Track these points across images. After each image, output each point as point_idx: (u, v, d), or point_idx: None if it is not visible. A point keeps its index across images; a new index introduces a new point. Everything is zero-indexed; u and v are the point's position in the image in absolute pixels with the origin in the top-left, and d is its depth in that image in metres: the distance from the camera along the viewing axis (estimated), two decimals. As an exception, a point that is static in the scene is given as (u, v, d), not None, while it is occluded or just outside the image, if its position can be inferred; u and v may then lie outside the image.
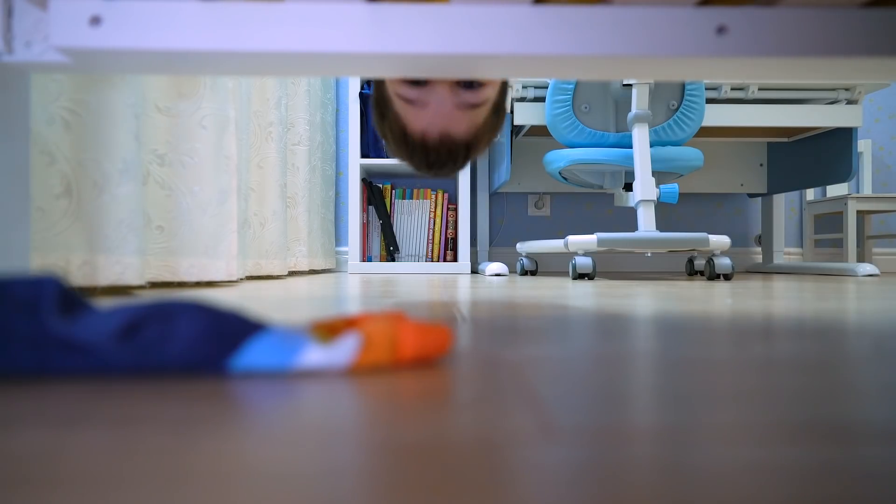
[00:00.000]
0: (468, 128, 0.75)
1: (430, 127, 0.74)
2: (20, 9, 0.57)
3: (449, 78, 0.71)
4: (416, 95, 0.73)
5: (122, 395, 0.30)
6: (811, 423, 0.26)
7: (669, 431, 0.24)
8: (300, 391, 0.31)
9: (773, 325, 0.61)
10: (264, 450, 0.22)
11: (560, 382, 0.33)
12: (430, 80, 0.73)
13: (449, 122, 0.74)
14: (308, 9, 0.55)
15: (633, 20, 0.55)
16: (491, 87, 0.74)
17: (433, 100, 0.73)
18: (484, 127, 0.77)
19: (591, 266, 1.85)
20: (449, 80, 0.72)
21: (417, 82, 0.73)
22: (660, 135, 1.99)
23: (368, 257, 2.55)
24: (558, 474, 0.20)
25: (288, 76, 0.63)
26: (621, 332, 0.56)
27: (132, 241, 1.03)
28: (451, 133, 0.74)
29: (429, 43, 0.55)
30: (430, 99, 0.73)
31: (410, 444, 0.23)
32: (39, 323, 0.32)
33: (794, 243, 3.02)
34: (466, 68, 0.60)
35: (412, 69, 0.60)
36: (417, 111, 0.74)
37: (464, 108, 0.73)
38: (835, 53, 0.55)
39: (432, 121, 0.74)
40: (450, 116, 0.74)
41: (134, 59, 0.57)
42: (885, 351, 0.45)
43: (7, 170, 0.60)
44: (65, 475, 0.19)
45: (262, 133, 1.80)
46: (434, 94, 0.73)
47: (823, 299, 1.00)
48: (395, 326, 0.37)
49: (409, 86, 0.73)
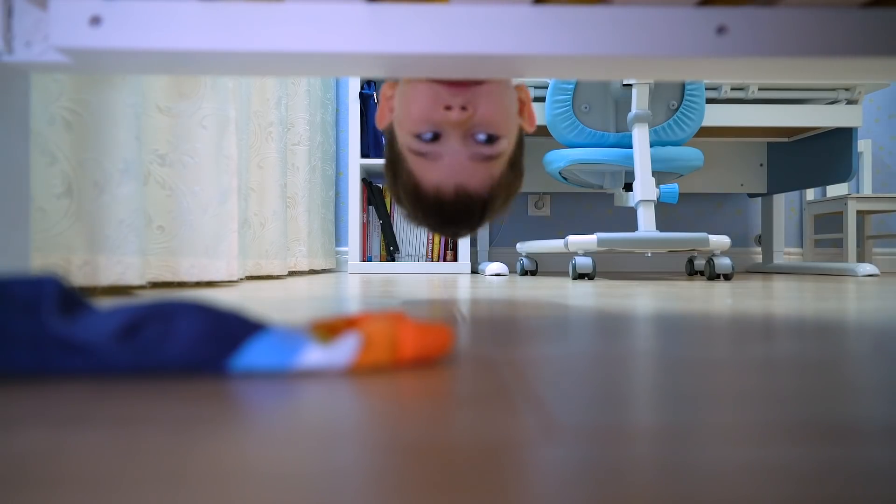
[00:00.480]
0: (483, 181, 0.72)
1: (445, 180, 0.72)
2: (20, 9, 0.57)
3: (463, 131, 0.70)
4: (429, 149, 0.71)
5: (122, 395, 0.30)
6: (811, 423, 0.26)
7: (670, 431, 0.24)
8: (300, 391, 0.31)
9: (773, 325, 0.61)
10: (264, 450, 0.22)
11: (560, 382, 0.33)
12: (443, 133, 0.71)
13: (464, 175, 0.71)
14: (308, 9, 0.55)
15: (633, 20, 0.55)
16: (506, 139, 0.72)
17: (446, 152, 0.71)
18: (500, 182, 0.73)
19: (591, 266, 1.85)
20: (463, 133, 0.70)
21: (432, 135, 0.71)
22: (660, 135, 1.99)
23: (368, 257, 2.55)
24: (559, 474, 0.20)
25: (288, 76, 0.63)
26: (621, 332, 0.56)
27: (133, 241, 1.03)
28: (466, 186, 0.72)
29: (429, 43, 0.55)
30: (444, 151, 0.71)
31: (410, 444, 0.23)
32: (39, 323, 0.32)
33: (794, 243, 3.02)
34: (466, 68, 0.60)
35: (412, 69, 0.60)
36: (431, 164, 0.72)
37: (478, 161, 0.71)
38: (835, 53, 0.55)
39: (446, 174, 0.71)
40: (464, 169, 0.71)
41: (134, 59, 0.57)
42: (885, 351, 0.45)
43: (7, 170, 0.60)
44: (65, 475, 0.19)
45: (262, 133, 1.80)
46: (447, 147, 0.71)
47: (823, 299, 1.00)
48: (395, 326, 0.37)
49: (419, 139, 0.71)
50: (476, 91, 0.70)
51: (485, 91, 0.70)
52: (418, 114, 0.70)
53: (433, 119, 0.69)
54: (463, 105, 0.68)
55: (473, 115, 0.69)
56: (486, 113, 0.70)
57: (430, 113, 0.69)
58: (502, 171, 0.73)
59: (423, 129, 0.70)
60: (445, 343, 0.39)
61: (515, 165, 0.76)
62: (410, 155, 0.73)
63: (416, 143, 0.71)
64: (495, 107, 0.70)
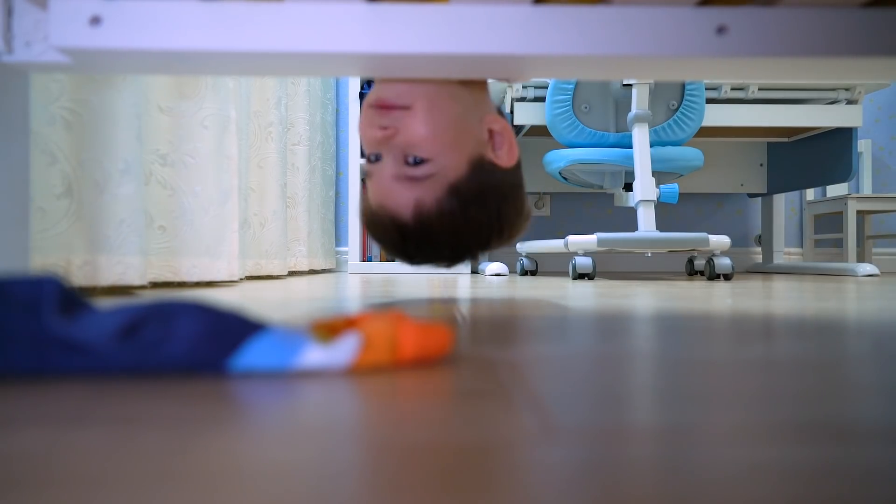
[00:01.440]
0: (404, 202, 0.71)
1: (373, 199, 0.75)
2: (20, 9, 0.57)
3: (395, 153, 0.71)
4: (371, 168, 0.74)
5: (122, 395, 0.30)
6: (811, 423, 0.26)
7: (670, 431, 0.24)
8: (300, 391, 0.31)
9: (773, 326, 0.61)
10: (264, 450, 0.22)
11: (560, 382, 0.33)
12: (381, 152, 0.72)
13: (385, 195, 0.72)
14: (308, 9, 0.55)
15: (633, 20, 0.55)
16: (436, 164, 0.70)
17: (377, 171, 0.73)
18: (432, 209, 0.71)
19: (591, 266, 1.85)
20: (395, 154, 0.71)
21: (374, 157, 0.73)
22: (660, 135, 1.99)
23: (368, 257, 2.55)
24: (558, 474, 0.20)
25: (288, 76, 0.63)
26: (621, 332, 0.56)
27: (134, 241, 1.03)
28: (386, 206, 0.72)
29: (429, 43, 0.55)
30: (376, 171, 0.73)
31: (410, 444, 0.23)
32: (39, 323, 0.32)
33: (794, 243, 3.02)
34: (466, 68, 0.60)
35: (412, 69, 0.60)
36: (369, 183, 0.75)
37: (400, 181, 0.71)
38: (835, 53, 0.55)
39: (374, 192, 0.74)
40: (386, 188, 0.72)
41: (134, 59, 0.57)
42: (886, 351, 0.45)
43: (7, 170, 0.60)
44: (65, 475, 0.19)
45: (262, 133, 1.80)
46: (379, 166, 0.73)
47: (823, 299, 1.00)
48: (395, 326, 0.37)
49: (367, 161, 0.74)
50: (403, 114, 0.71)
51: (412, 115, 0.71)
52: (362, 139, 0.74)
53: (369, 142, 0.73)
54: (383, 126, 0.70)
55: (394, 135, 0.70)
56: (409, 135, 0.70)
57: (366, 137, 0.73)
58: (438, 197, 0.71)
59: (367, 151, 0.75)
60: (445, 343, 0.39)
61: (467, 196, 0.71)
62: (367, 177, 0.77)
63: (366, 164, 0.75)
64: (424, 129, 0.70)
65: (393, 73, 0.62)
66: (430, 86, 0.72)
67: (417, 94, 0.71)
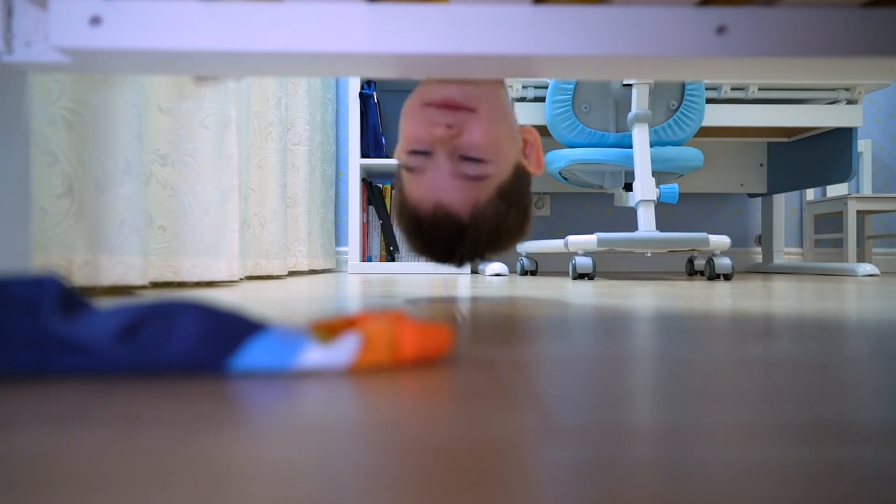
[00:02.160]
0: (464, 201, 0.72)
1: (426, 196, 0.74)
2: (20, 9, 0.57)
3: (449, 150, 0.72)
4: (417, 163, 0.74)
5: (122, 395, 0.30)
6: (811, 423, 0.26)
7: (670, 431, 0.24)
8: (300, 391, 0.31)
9: (773, 325, 0.61)
10: (264, 450, 0.22)
11: (561, 382, 0.33)
12: (433, 151, 0.72)
13: (443, 192, 0.72)
14: (308, 9, 0.55)
15: (633, 20, 0.55)
16: (494, 166, 0.72)
17: (431, 167, 0.73)
18: (486, 210, 0.73)
19: (591, 266, 1.85)
20: (450, 151, 0.72)
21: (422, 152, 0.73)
22: (660, 135, 1.99)
23: (368, 257, 2.55)
24: (559, 474, 0.20)
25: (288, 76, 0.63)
26: (622, 332, 0.56)
27: (134, 242, 1.03)
28: (444, 204, 0.73)
29: (429, 43, 0.55)
30: (429, 166, 0.73)
31: (410, 444, 0.23)
32: (39, 323, 0.32)
33: (794, 243, 3.02)
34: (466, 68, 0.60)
35: (412, 69, 0.60)
36: (417, 179, 0.74)
37: (461, 179, 0.72)
38: (835, 53, 0.55)
39: (428, 189, 0.73)
40: (445, 185, 0.72)
41: (134, 59, 0.57)
42: (886, 351, 0.45)
43: (7, 170, 0.60)
44: (65, 475, 0.19)
45: (262, 133, 1.80)
46: (433, 162, 0.73)
47: (823, 299, 1.00)
48: (395, 326, 0.37)
49: (413, 155, 0.74)
50: (468, 116, 0.72)
51: (477, 118, 0.72)
52: (410, 132, 0.73)
53: (422, 136, 0.72)
54: (449, 124, 0.71)
55: (458, 134, 0.71)
56: (473, 137, 0.71)
57: (421, 131, 0.72)
58: (489, 198, 0.73)
59: (414, 147, 0.74)
60: (445, 343, 0.39)
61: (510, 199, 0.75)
62: (403, 172, 0.76)
63: (407, 158, 0.74)
64: (484, 132, 0.72)
65: (393, 74, 0.62)
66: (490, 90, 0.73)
67: (482, 97, 0.72)
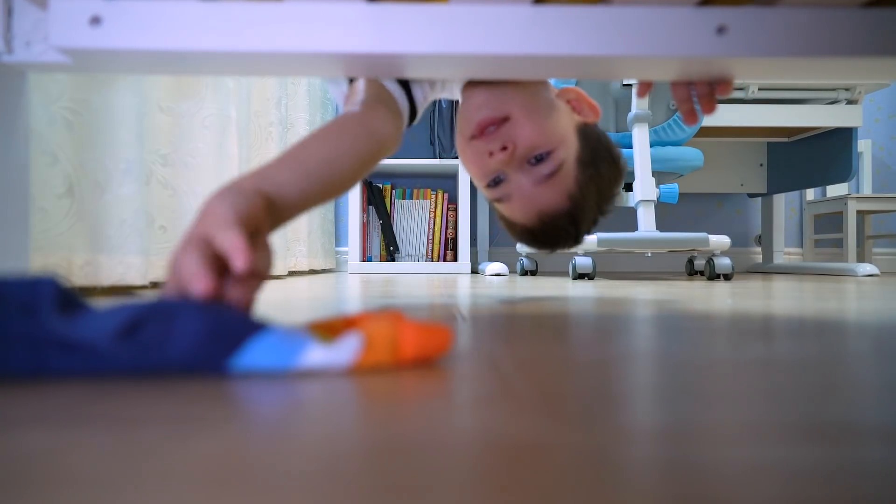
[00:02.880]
0: (558, 197, 0.74)
1: (526, 214, 0.76)
2: (20, 9, 0.57)
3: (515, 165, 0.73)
4: (500, 193, 0.76)
5: (122, 395, 0.30)
6: (811, 423, 0.26)
7: (670, 431, 0.24)
8: (300, 391, 0.31)
9: (773, 325, 0.61)
10: (264, 450, 0.22)
11: (560, 382, 0.33)
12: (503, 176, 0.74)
13: (538, 202, 0.74)
14: (308, 9, 0.55)
15: (633, 20, 0.55)
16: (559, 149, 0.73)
17: (514, 189, 0.74)
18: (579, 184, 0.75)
19: (591, 266, 1.85)
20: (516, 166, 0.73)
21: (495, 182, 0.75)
22: (660, 135, 1.99)
23: (368, 257, 2.55)
24: (559, 474, 0.20)
25: (288, 76, 0.63)
26: (622, 332, 0.56)
27: (135, 242, 1.03)
28: (545, 210, 0.75)
29: (429, 43, 0.55)
30: (511, 190, 0.75)
31: (411, 444, 0.23)
32: (38, 323, 0.32)
33: (794, 243, 3.02)
34: (466, 68, 0.60)
35: (412, 69, 0.60)
36: (509, 206, 0.77)
37: (543, 182, 0.73)
38: (835, 53, 0.55)
39: (523, 208, 0.75)
40: (535, 196, 0.74)
41: (134, 59, 0.57)
42: (886, 351, 0.45)
43: (7, 170, 0.60)
44: (65, 475, 0.19)
45: (262, 133, 1.80)
46: (512, 184, 0.74)
47: (823, 299, 1.00)
48: (395, 326, 0.37)
49: (492, 187, 0.76)
50: (510, 123, 0.72)
51: (516, 120, 0.72)
52: (474, 171, 0.76)
53: (486, 169, 0.74)
54: (502, 146, 0.71)
55: (515, 148, 0.72)
56: (526, 138, 0.72)
57: (482, 168, 0.74)
58: (574, 175, 0.75)
59: (486, 181, 0.76)
60: (445, 343, 0.39)
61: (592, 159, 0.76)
62: (494, 204, 0.79)
63: (490, 193, 0.77)
64: (531, 127, 0.72)
65: (393, 73, 0.62)
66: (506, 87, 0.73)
67: (508, 96, 0.73)
